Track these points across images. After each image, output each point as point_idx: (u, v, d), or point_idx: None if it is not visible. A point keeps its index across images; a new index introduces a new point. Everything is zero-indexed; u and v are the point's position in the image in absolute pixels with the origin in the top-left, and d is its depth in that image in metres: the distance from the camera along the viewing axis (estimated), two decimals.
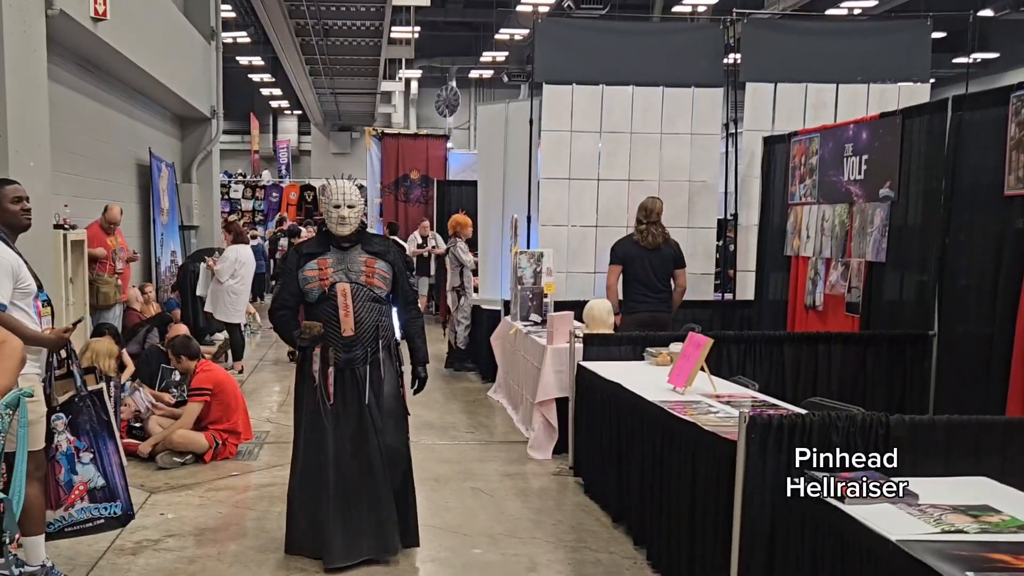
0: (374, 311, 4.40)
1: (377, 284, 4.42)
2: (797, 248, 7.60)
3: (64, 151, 6.76)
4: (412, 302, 4.69)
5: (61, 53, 6.81)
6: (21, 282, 3.93)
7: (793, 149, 7.74)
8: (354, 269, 4.40)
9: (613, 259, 7.00)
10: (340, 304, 4.32)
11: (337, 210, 4.37)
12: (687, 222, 8.55)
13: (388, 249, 4.57)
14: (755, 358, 5.98)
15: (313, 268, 4.39)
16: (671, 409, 4.25)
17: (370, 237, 4.58)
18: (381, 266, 4.45)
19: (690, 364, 4.73)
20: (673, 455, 4.15)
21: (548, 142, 8.44)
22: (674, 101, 8.57)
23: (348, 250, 4.44)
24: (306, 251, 4.50)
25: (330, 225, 4.43)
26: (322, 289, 4.36)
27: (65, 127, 7.02)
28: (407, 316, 4.64)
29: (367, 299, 4.39)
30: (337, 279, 4.36)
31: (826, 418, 3.23)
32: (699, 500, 3.82)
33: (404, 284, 4.59)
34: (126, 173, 10.22)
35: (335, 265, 4.39)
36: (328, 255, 4.42)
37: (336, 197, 4.39)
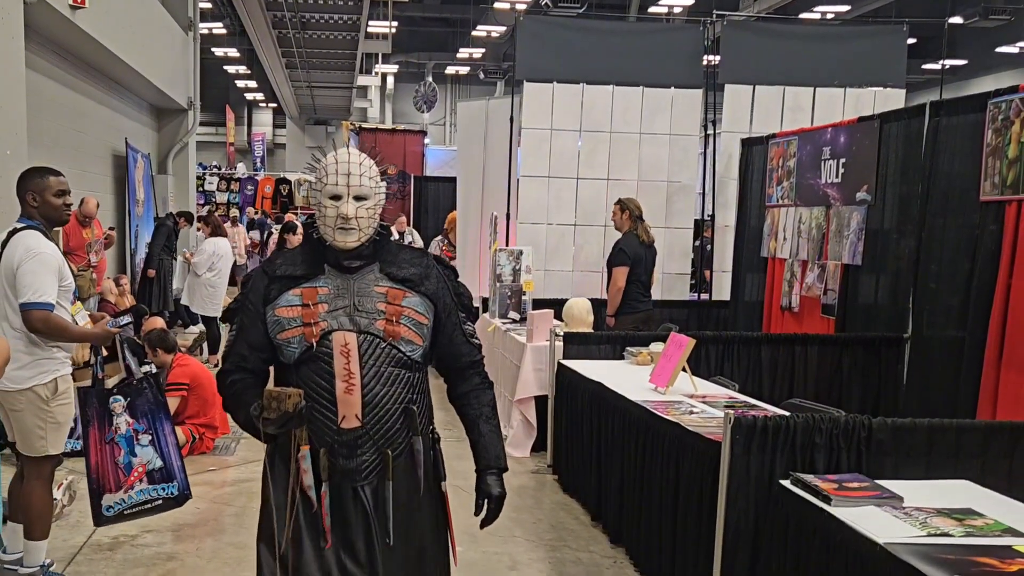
0: (399, 384, 2.42)
1: (406, 335, 2.42)
2: (774, 250, 7.66)
3: (40, 140, 6.68)
4: (473, 365, 2.63)
5: (39, 41, 6.72)
6: (64, 279, 3.79)
7: (771, 151, 7.81)
8: (365, 308, 2.41)
9: (624, 260, 6.87)
10: (338, 370, 2.37)
11: (336, 205, 2.39)
12: (664, 222, 8.59)
13: (426, 271, 2.52)
14: (733, 358, 6.03)
15: (293, 303, 2.42)
16: (654, 409, 4.27)
17: (396, 251, 2.55)
18: (414, 302, 2.46)
19: (672, 364, 4.76)
20: (656, 455, 4.17)
21: (528, 140, 8.45)
22: (654, 101, 8.61)
23: (356, 272, 2.45)
24: (282, 272, 2.48)
25: (324, 229, 2.43)
26: (307, 343, 2.38)
27: (42, 116, 6.93)
28: (463, 387, 2.63)
29: (387, 362, 2.41)
30: (334, 325, 2.39)
31: (810, 420, 3.26)
32: (682, 500, 3.85)
33: (456, 334, 2.57)
34: (102, 163, 10.10)
35: (332, 300, 2.42)
36: (321, 281, 2.44)
37: (335, 180, 2.40)
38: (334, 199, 2.37)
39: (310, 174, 2.52)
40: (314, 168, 2.48)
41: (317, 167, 2.45)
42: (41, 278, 3.65)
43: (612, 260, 6.94)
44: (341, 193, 2.37)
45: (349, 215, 2.36)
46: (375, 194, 2.41)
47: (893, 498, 2.84)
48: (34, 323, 3.67)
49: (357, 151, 2.44)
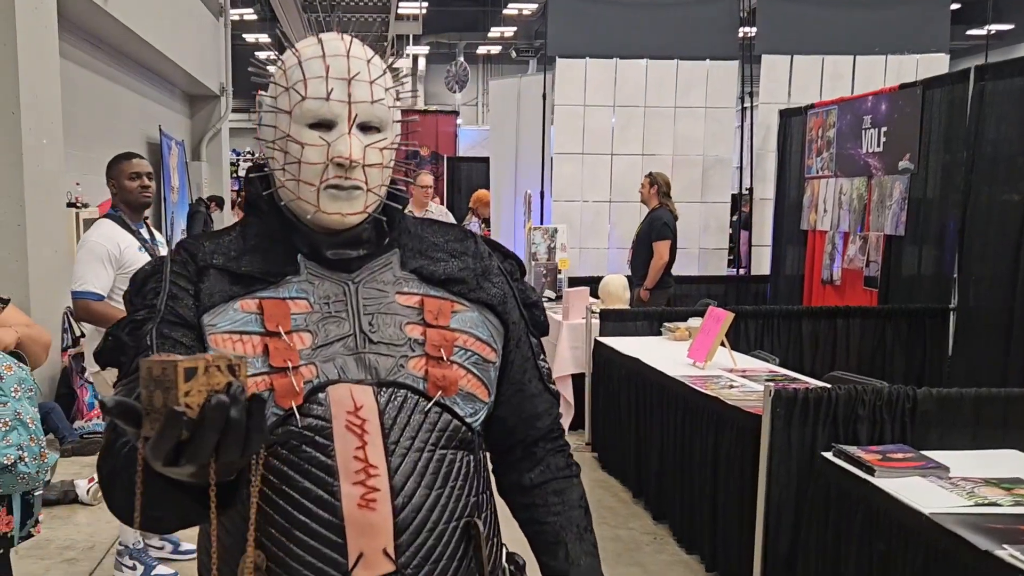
0: (456, 478, 1.24)
1: (467, 385, 1.25)
2: (814, 222, 7.53)
3: (75, 129, 6.73)
4: (552, 431, 1.44)
5: (72, 30, 6.77)
6: (127, 266, 3.67)
7: (810, 122, 7.66)
8: (385, 336, 1.23)
9: (668, 233, 6.83)
10: (343, 463, 1.16)
11: (324, 139, 1.20)
12: (701, 197, 8.49)
13: (481, 262, 1.36)
14: (774, 333, 5.94)
15: (247, 329, 1.19)
16: (692, 384, 4.21)
17: (420, 228, 1.38)
18: (471, 321, 1.30)
19: (710, 338, 4.68)
20: (695, 430, 4.11)
21: (561, 117, 8.37)
22: (688, 74, 8.49)
23: (358, 270, 1.27)
24: (220, 263, 1.25)
25: (290, 192, 1.23)
26: (280, 410, 1.15)
27: (76, 105, 6.98)
28: (536, 473, 1.42)
29: (434, 439, 1.22)
30: (330, 373, 1.19)
31: (852, 392, 3.19)
32: (722, 475, 3.79)
33: (529, 378, 1.39)
34: (136, 150, 10.14)
35: (320, 323, 1.22)
36: (293, 289, 1.24)
37: (320, 87, 1.20)
38: (319, 127, 1.19)
39: (262, 82, 1.30)
40: (264, 72, 1.31)
41: (276, 67, 1.27)
42: (84, 267, 3.66)
43: (656, 234, 6.85)
44: (335, 115, 1.19)
45: (353, 158, 1.18)
46: (392, 122, 1.25)
47: (939, 468, 2.76)
48: (77, 311, 3.72)
49: (358, 40, 1.27)
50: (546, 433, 1.42)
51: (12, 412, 2.54)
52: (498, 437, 1.39)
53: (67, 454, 5.49)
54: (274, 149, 1.24)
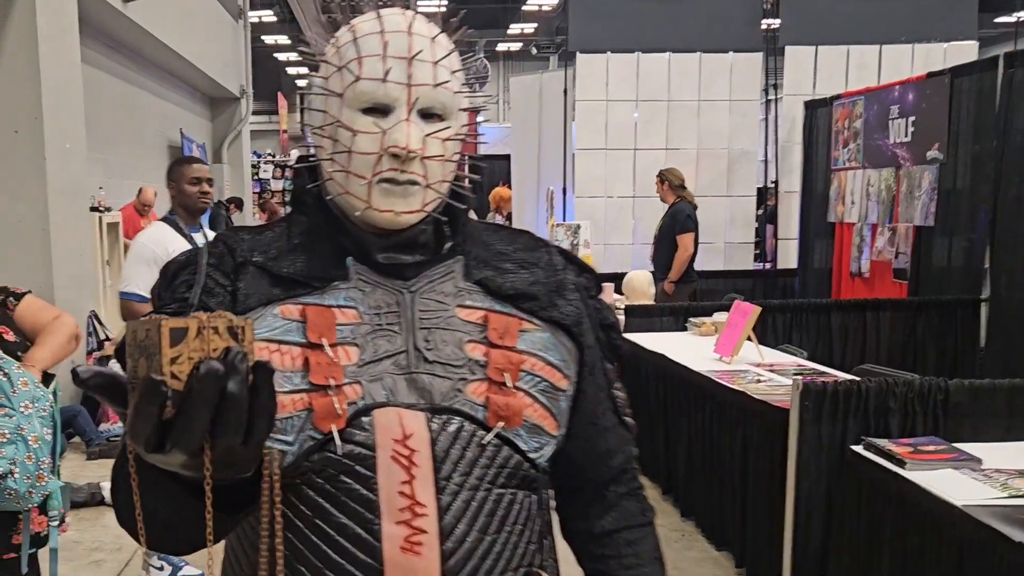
0: (516, 522, 1.07)
1: (533, 415, 1.07)
2: (841, 214, 7.43)
3: (97, 133, 6.77)
4: (625, 472, 1.25)
5: (92, 35, 6.81)
6: None
7: (836, 113, 7.56)
8: (442, 355, 1.06)
9: (691, 226, 6.80)
10: (386, 498, 1.00)
11: (378, 126, 1.04)
12: (726, 190, 8.41)
13: (555, 275, 1.17)
14: (801, 326, 5.87)
15: (286, 338, 1.03)
16: (719, 379, 4.15)
17: (484, 233, 1.19)
18: (542, 342, 1.11)
19: (737, 333, 4.62)
20: (722, 425, 4.06)
21: (583, 112, 8.32)
22: (712, 67, 8.41)
23: (414, 278, 1.09)
24: (260, 261, 1.09)
25: (337, 186, 1.07)
26: (319, 434, 0.99)
27: (98, 109, 7.02)
28: (607, 519, 1.23)
29: (492, 477, 1.04)
30: (376, 394, 1.02)
31: (882, 384, 3.12)
32: (751, 470, 3.74)
33: (602, 410, 1.21)
34: (158, 154, 10.24)
35: (369, 336, 1.05)
36: (341, 296, 1.07)
37: (376, 67, 1.04)
38: (374, 112, 1.05)
39: (310, 62, 1.15)
40: (311, 51, 1.14)
41: (328, 45, 1.12)
42: (130, 268, 3.70)
43: (679, 227, 6.80)
44: (392, 99, 1.04)
45: (411, 148, 1.03)
46: (458, 110, 1.10)
47: (971, 460, 2.69)
48: (121, 311, 3.76)
49: (423, 16, 1.12)
50: (619, 474, 1.24)
51: (14, 426, 2.51)
52: (565, 476, 1.21)
53: (93, 456, 5.51)
54: (322, 136, 1.09)
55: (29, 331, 2.92)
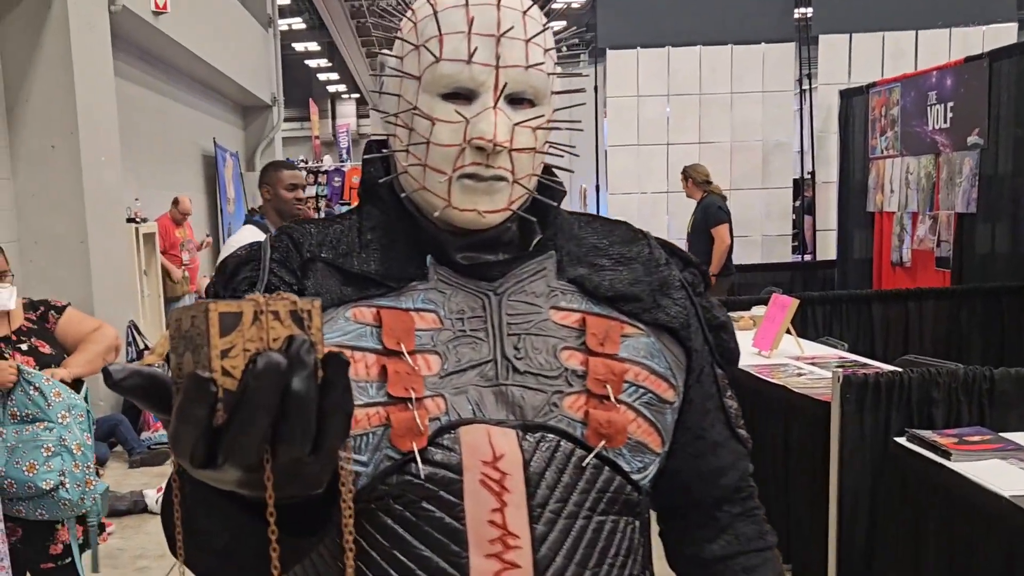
0: (619, 554, 0.96)
1: (637, 432, 0.96)
2: (880, 203, 7.31)
3: (132, 145, 6.85)
4: (739, 491, 1.12)
5: (124, 48, 6.89)
6: None
7: (872, 101, 7.43)
8: (535, 364, 0.94)
9: (724, 217, 6.73)
10: (473, 525, 0.90)
11: (461, 113, 0.93)
12: (761, 183, 8.31)
13: (660, 272, 1.05)
14: (842, 319, 5.77)
15: (360, 344, 0.93)
16: (758, 373, 4.09)
17: (577, 226, 1.07)
18: (645, 348, 0.99)
19: (775, 326, 4.55)
20: (763, 420, 3.99)
21: (614, 109, 8.26)
22: (743, 59, 8.32)
23: (500, 279, 0.98)
24: (328, 257, 0.99)
25: (413, 181, 0.96)
26: (398, 453, 0.89)
27: (131, 121, 7.10)
28: (720, 544, 1.10)
29: (594, 502, 0.94)
30: (461, 409, 0.92)
31: (925, 374, 3.05)
32: (793, 465, 3.67)
33: (712, 421, 1.07)
34: (192, 164, 10.34)
35: (451, 344, 0.94)
36: (419, 299, 0.96)
37: (459, 45, 0.92)
38: (456, 99, 0.94)
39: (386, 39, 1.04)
40: (387, 23, 1.03)
41: (406, 19, 1.00)
42: None
43: (712, 220, 6.73)
44: (477, 84, 0.93)
45: (499, 141, 0.91)
46: (549, 93, 0.97)
47: (1018, 450, 2.62)
48: None
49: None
50: (732, 493, 1.10)
51: (57, 438, 2.55)
52: (670, 496, 1.07)
53: (135, 465, 5.57)
54: (396, 125, 0.97)
55: (72, 344, 2.95)
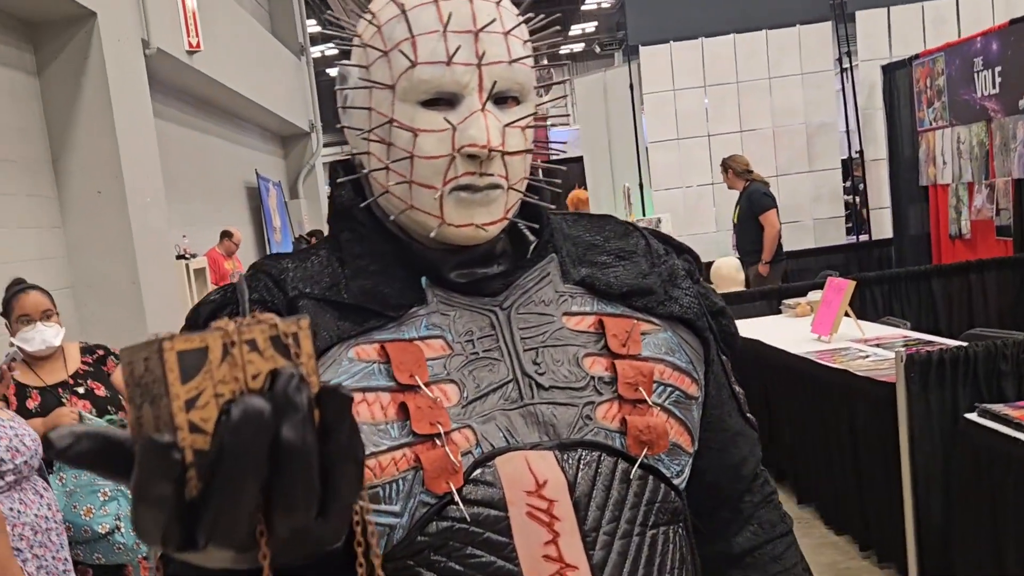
0: (667, 561, 0.89)
1: (674, 435, 0.91)
2: (933, 176, 7.11)
3: (175, 183, 6.96)
4: (756, 478, 1.07)
5: (161, 90, 7.00)
6: None
7: (916, 73, 7.25)
8: (559, 377, 0.88)
9: (771, 203, 6.63)
10: (528, 559, 0.82)
11: (445, 119, 0.85)
12: (808, 166, 8.15)
13: (669, 266, 1.00)
14: (902, 297, 5.62)
15: (372, 384, 0.85)
16: (819, 359, 3.99)
17: (569, 223, 1.01)
18: (665, 344, 0.94)
19: (833, 310, 4.43)
20: (828, 406, 3.89)
21: (651, 105, 8.17)
22: (779, 42, 8.17)
23: (511, 290, 0.92)
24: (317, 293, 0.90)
25: (398, 201, 0.89)
26: (433, 497, 0.82)
27: (173, 160, 7.21)
28: (743, 538, 1.05)
29: (644, 514, 0.88)
30: (492, 438, 0.85)
31: (991, 347, 2.95)
32: (863, 449, 3.57)
33: (727, 413, 1.03)
34: (236, 197, 10.47)
35: (466, 369, 0.87)
36: (423, 326, 0.89)
37: (434, 45, 0.84)
38: (438, 104, 0.86)
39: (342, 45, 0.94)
40: (343, 27, 0.93)
41: (366, 22, 0.90)
42: None
43: (758, 207, 6.60)
44: (461, 85, 0.86)
45: (492, 145, 0.84)
46: (533, 88, 0.91)
47: None
48: None
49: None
50: (751, 482, 1.05)
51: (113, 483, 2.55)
52: (698, 497, 0.97)
53: None
54: (371, 141, 0.88)
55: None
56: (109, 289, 5.46)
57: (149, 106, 6.21)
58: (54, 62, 5.54)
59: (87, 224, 5.51)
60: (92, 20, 5.47)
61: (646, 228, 1.05)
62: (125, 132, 5.71)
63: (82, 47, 5.52)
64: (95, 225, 5.51)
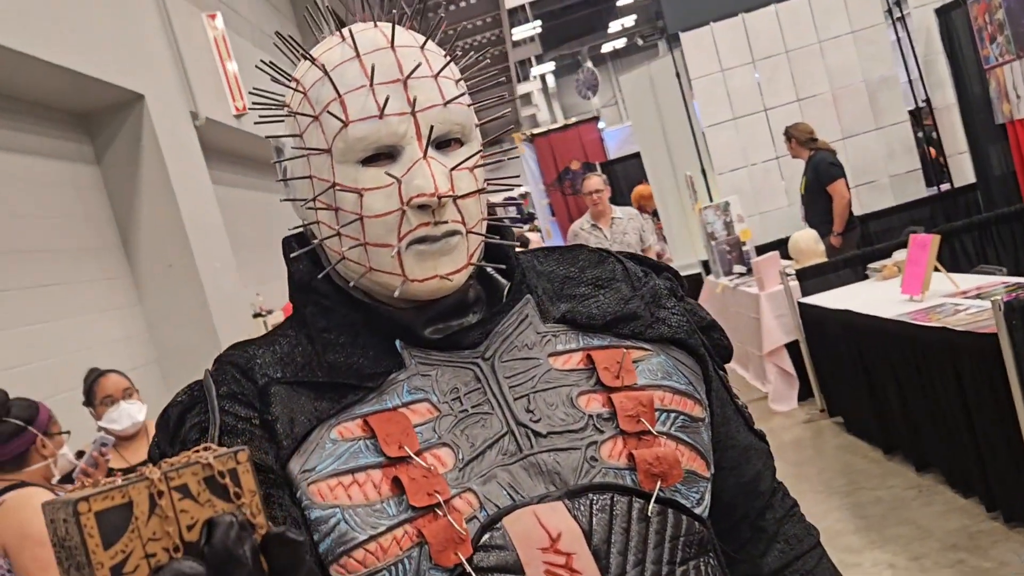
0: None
1: (686, 460, 0.86)
2: (1009, 112, 6.79)
3: (241, 244, 7.06)
4: (775, 493, 1.02)
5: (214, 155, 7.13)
6: None
7: (973, 11, 6.94)
8: (554, 422, 0.84)
9: (839, 172, 6.41)
10: None
11: (386, 173, 0.83)
12: (874, 123, 7.87)
13: (651, 287, 0.96)
14: (994, 243, 5.36)
15: (360, 463, 0.80)
16: (914, 320, 3.80)
17: (539, 261, 0.97)
18: (660, 368, 0.90)
19: (921, 267, 4.23)
20: (931, 367, 3.69)
21: (701, 89, 8.00)
22: (824, 4, 7.92)
23: (490, 339, 0.88)
24: (283, 376, 0.86)
25: (354, 265, 0.85)
26: (439, 572, 0.76)
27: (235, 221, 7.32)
28: (770, 549, 0.99)
29: (668, 550, 0.82)
30: (496, 498, 0.79)
31: None
32: (974, 407, 3.36)
33: (734, 428, 0.99)
34: None
35: (455, 430, 0.83)
36: (404, 391, 0.84)
37: (364, 102, 0.82)
38: (377, 160, 0.84)
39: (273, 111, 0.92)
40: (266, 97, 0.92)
41: (291, 91, 0.90)
42: None
43: (826, 176, 6.37)
44: (398, 137, 0.83)
45: (441, 192, 0.81)
46: (474, 126, 0.89)
47: None
48: None
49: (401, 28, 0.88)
50: (770, 497, 1.01)
51: None
52: (716, 519, 0.92)
53: None
54: (318, 209, 0.86)
55: None
56: (192, 358, 5.55)
57: (206, 174, 6.33)
58: (110, 149, 5.68)
59: (163, 298, 5.62)
60: (141, 102, 5.60)
61: (621, 253, 1.01)
62: (186, 204, 5.82)
63: (135, 130, 5.66)
64: (170, 298, 5.62)
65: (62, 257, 4.92)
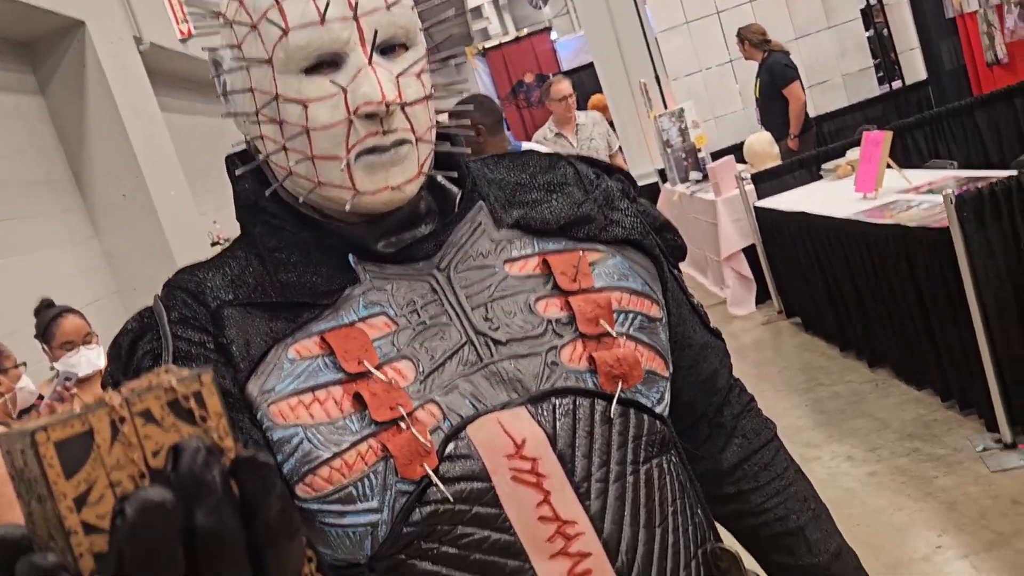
0: (667, 495, 0.86)
1: (646, 360, 0.86)
2: (959, 5, 6.80)
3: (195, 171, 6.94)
4: (732, 389, 1.04)
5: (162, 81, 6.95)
6: None
7: None
8: (513, 329, 0.83)
9: (794, 73, 6.41)
10: (525, 530, 0.78)
11: (333, 83, 0.79)
12: (827, 22, 7.83)
13: (603, 189, 0.96)
14: (946, 136, 5.42)
15: (320, 382, 0.80)
16: (868, 217, 3.87)
17: (491, 165, 0.96)
18: (616, 269, 0.90)
19: (874, 165, 4.28)
20: (886, 264, 3.77)
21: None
22: None
23: (445, 249, 0.87)
24: (235, 297, 0.84)
25: (302, 180, 0.83)
26: (409, 484, 0.77)
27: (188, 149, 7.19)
28: (728, 444, 1.02)
29: (634, 452, 0.84)
30: (460, 407, 0.80)
31: None
32: (929, 301, 3.45)
33: (689, 325, 0.99)
34: None
35: (416, 341, 0.82)
36: (361, 306, 0.83)
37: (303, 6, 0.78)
38: (321, 69, 0.80)
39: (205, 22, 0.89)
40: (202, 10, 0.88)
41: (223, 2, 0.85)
42: None
43: (780, 79, 6.37)
44: (341, 43, 0.79)
45: (388, 99, 0.78)
46: (419, 29, 0.86)
47: None
48: None
49: None
50: (727, 394, 1.02)
51: None
52: (676, 417, 0.93)
53: None
54: (261, 123, 0.82)
55: None
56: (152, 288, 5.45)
57: (155, 102, 6.19)
58: (54, 78, 5.53)
59: (119, 229, 5.55)
60: (82, 28, 5.44)
61: (573, 156, 1.00)
62: (136, 132, 5.71)
63: (78, 57, 5.50)
64: (126, 228, 5.55)
65: (13, 192, 4.82)
